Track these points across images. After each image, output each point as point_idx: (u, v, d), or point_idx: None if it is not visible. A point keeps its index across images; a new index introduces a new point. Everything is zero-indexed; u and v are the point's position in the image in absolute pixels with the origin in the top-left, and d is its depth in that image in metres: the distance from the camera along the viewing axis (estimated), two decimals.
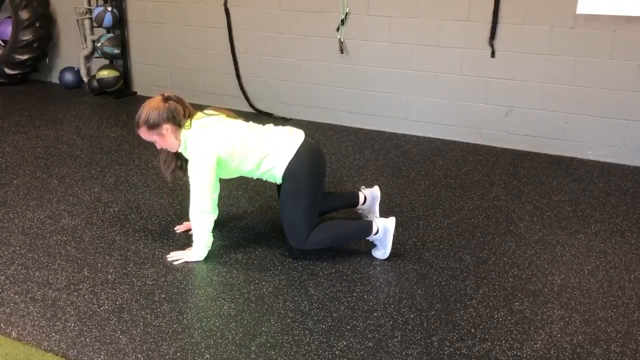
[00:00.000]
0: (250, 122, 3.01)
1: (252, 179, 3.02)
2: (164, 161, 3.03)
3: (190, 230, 3.12)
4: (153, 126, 2.81)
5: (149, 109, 2.81)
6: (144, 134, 2.86)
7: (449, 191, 3.81)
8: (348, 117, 5.10)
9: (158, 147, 2.95)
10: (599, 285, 2.79)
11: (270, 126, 3.01)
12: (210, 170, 2.80)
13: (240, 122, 2.97)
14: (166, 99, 2.84)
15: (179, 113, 2.84)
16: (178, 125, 2.83)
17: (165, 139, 2.85)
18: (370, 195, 3.28)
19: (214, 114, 2.95)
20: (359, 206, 3.28)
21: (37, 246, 3.08)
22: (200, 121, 2.87)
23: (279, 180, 2.92)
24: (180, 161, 2.99)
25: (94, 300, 2.62)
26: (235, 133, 2.87)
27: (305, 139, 2.92)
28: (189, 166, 2.83)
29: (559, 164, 4.29)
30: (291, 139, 2.90)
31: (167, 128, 2.81)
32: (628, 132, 4.23)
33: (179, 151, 2.93)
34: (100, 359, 2.27)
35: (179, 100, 2.87)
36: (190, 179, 2.83)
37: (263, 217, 3.43)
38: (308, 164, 2.87)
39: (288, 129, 2.98)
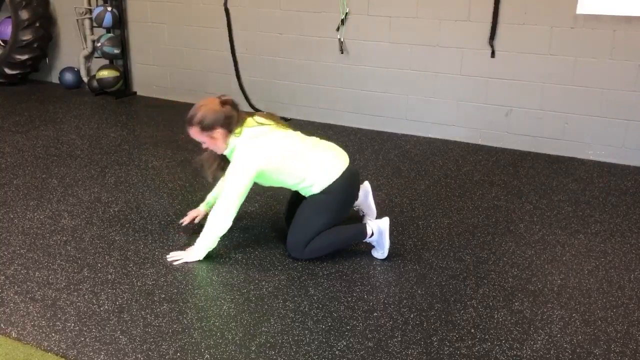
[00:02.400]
0: (299, 133, 3.01)
1: None
2: (207, 160, 3.02)
3: (193, 220, 3.15)
4: (207, 128, 2.81)
5: (207, 111, 2.81)
6: (195, 133, 2.85)
7: (449, 191, 3.81)
8: (348, 117, 5.10)
9: (204, 147, 2.94)
10: (599, 285, 2.79)
11: (316, 141, 3.03)
12: (248, 183, 2.82)
13: (290, 134, 2.96)
14: (223, 103, 2.83)
15: (233, 119, 2.84)
16: (230, 130, 2.84)
17: (215, 142, 2.85)
18: (362, 191, 3.28)
19: (264, 123, 2.93)
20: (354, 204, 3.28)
21: (37, 246, 3.08)
22: (251, 130, 2.86)
23: (310, 193, 2.95)
24: (223, 162, 2.98)
25: (94, 300, 2.62)
26: (283, 147, 2.87)
27: (349, 165, 2.98)
28: (230, 170, 2.83)
29: (559, 164, 4.29)
30: (337, 163, 2.95)
31: (219, 132, 2.82)
32: (628, 132, 4.23)
33: (225, 154, 2.93)
34: (100, 359, 2.27)
35: (234, 106, 2.87)
36: (227, 182, 2.84)
37: (263, 217, 3.43)
38: (345, 190, 2.95)
39: (334, 150, 3.02)
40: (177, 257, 2.95)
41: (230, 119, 2.83)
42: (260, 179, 2.90)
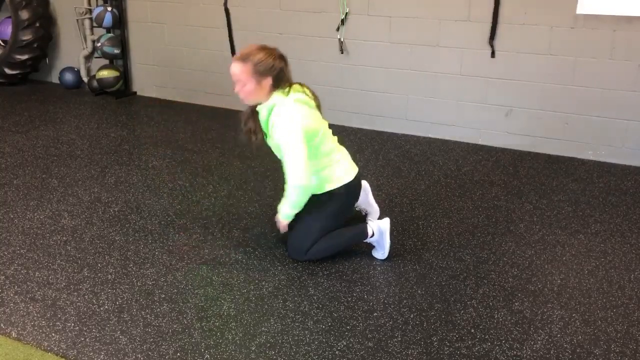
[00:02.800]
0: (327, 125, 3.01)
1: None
2: (246, 119, 2.94)
3: None
4: (259, 73, 2.73)
5: (266, 56, 2.75)
6: (244, 71, 2.74)
7: (449, 191, 3.81)
8: (348, 117, 5.10)
9: (237, 89, 2.81)
10: (599, 285, 2.79)
11: (337, 143, 3.04)
12: (302, 139, 2.73)
13: (325, 122, 2.98)
14: (280, 57, 2.80)
15: (285, 77, 2.81)
16: (276, 86, 2.79)
17: (258, 90, 2.77)
18: (362, 191, 3.28)
19: (309, 96, 2.92)
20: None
21: (37, 246, 3.08)
22: (297, 95, 2.83)
23: (314, 192, 2.92)
24: (255, 124, 2.90)
25: (94, 300, 2.62)
26: (321, 127, 2.88)
27: (358, 172, 3.03)
28: (280, 138, 2.74)
29: (559, 164, 4.29)
30: (351, 168, 2.99)
31: (268, 82, 2.76)
32: (628, 132, 4.23)
33: (257, 109, 2.86)
34: (100, 359, 2.27)
35: (287, 65, 2.84)
36: (285, 151, 2.75)
37: (263, 217, 3.43)
38: (349, 196, 2.99)
39: (349, 156, 3.05)
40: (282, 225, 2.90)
41: (283, 76, 2.79)
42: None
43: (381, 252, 2.97)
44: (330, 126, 5.26)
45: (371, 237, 2.96)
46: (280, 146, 2.77)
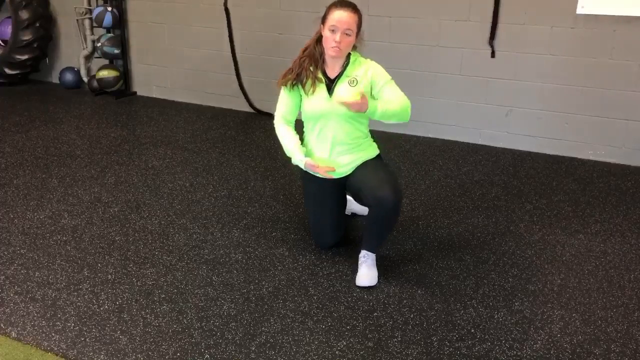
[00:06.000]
0: None
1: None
2: (314, 70, 2.95)
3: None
4: (359, 26, 2.85)
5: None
6: (355, 22, 2.82)
7: (449, 191, 3.81)
8: None
9: (339, 38, 2.81)
10: (599, 285, 2.79)
11: None
12: None
13: None
14: None
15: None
16: (354, 46, 2.91)
17: (352, 41, 2.86)
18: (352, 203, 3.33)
19: None
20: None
21: (37, 246, 3.08)
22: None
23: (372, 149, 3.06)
24: (314, 78, 2.92)
25: (94, 300, 2.62)
26: None
27: None
28: (383, 74, 2.95)
29: (559, 164, 4.29)
30: None
31: (357, 36, 2.86)
32: (628, 132, 4.23)
33: (337, 67, 2.92)
34: (100, 359, 2.27)
35: None
36: (390, 84, 3.00)
37: (263, 217, 3.43)
38: None
39: None
40: (352, 101, 2.77)
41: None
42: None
43: (363, 277, 2.78)
44: None
45: None
46: (378, 82, 2.94)
